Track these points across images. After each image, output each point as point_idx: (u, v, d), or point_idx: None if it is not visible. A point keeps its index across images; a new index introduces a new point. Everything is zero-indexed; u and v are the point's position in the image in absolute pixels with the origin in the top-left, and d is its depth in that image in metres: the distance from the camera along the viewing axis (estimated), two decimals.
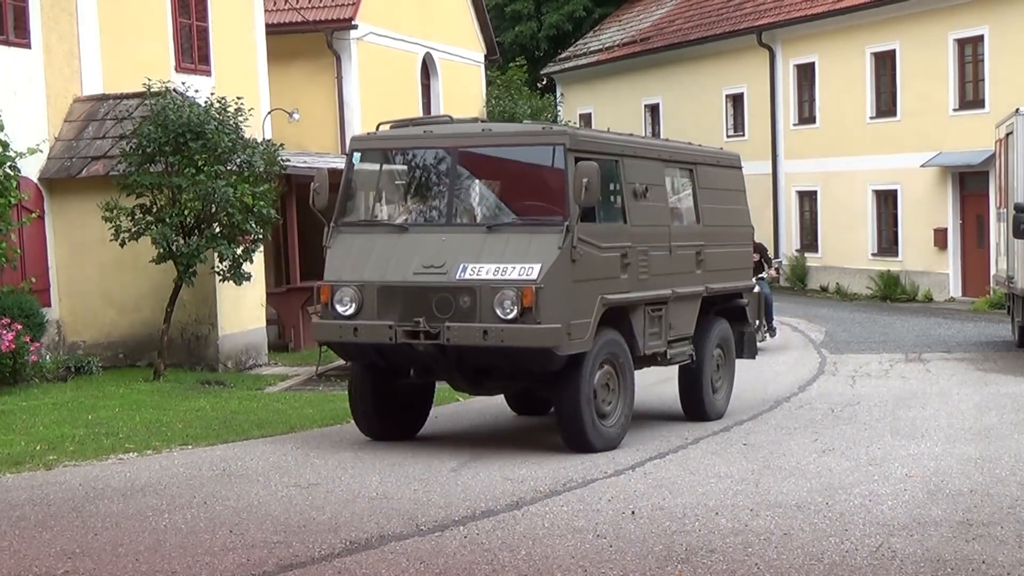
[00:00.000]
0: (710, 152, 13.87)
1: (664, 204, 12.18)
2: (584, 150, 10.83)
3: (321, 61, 25.98)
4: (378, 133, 11.83)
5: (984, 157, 25.82)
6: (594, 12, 48.21)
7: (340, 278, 11.04)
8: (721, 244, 13.16)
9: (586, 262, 10.59)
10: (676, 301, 12.14)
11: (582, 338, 10.47)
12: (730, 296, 13.58)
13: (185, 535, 7.65)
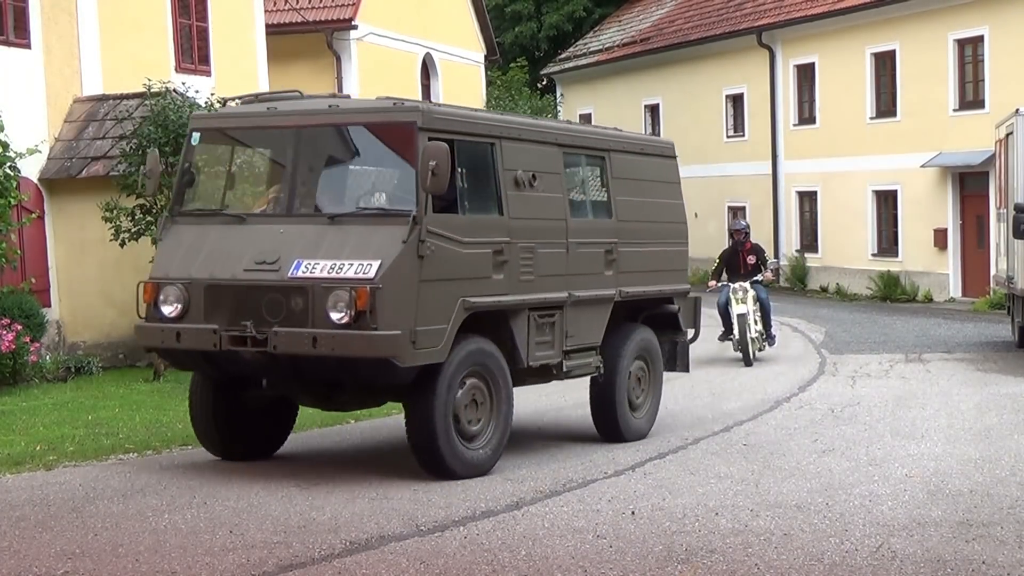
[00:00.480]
0: (631, 139, 12.39)
1: (560, 195, 10.72)
2: (445, 130, 9.46)
3: (321, 61, 25.98)
4: (219, 111, 10.67)
5: (984, 157, 25.82)
6: (594, 12, 48.22)
7: (167, 275, 9.69)
8: (643, 242, 11.77)
9: (441, 259, 9.24)
10: (575, 306, 10.75)
11: (434, 347, 9.15)
12: (658, 302, 12.25)
13: (185, 535, 7.65)
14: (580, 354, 11.00)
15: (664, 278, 12.19)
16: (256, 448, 10.50)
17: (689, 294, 12.73)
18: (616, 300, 11.36)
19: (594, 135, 11.83)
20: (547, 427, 12.40)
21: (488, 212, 10.00)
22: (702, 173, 37.72)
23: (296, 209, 9.65)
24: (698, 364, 16.50)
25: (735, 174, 36.33)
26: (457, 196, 9.67)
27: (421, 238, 9.07)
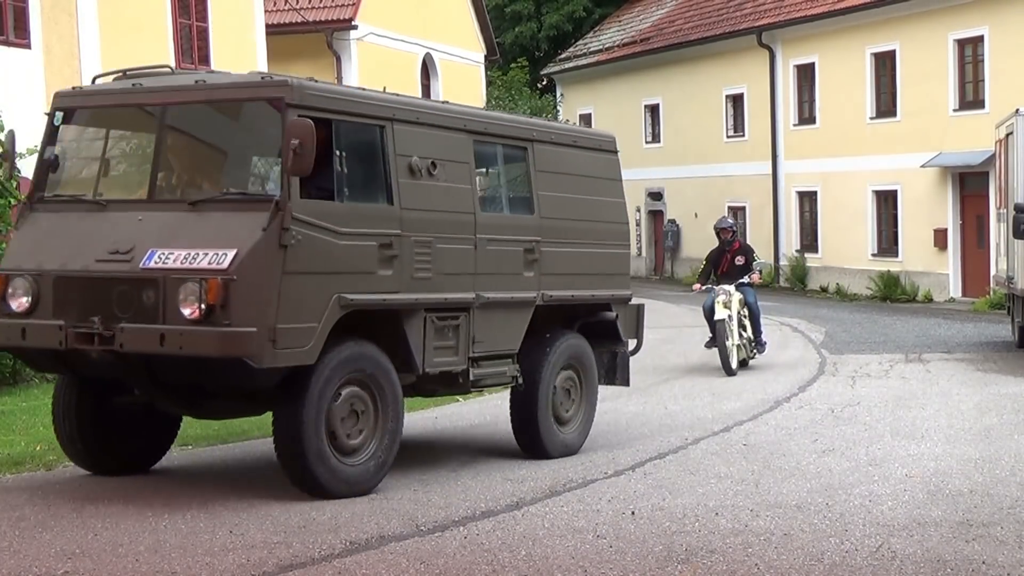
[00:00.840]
0: (560, 130, 11.35)
1: (468, 186, 9.79)
2: (322, 108, 8.60)
3: (321, 61, 26.00)
4: (84, 88, 9.85)
5: (984, 157, 25.83)
6: (594, 12, 48.24)
7: (18, 266, 8.84)
8: (573, 242, 10.84)
9: (311, 250, 8.37)
10: (486, 309, 9.85)
11: (300, 348, 8.28)
12: (594, 308, 11.32)
13: (185, 535, 7.64)
14: (491, 362, 10.05)
15: (600, 282, 11.23)
16: (133, 461, 9.65)
17: (631, 301, 11.71)
18: (538, 304, 10.40)
19: (514, 123, 10.77)
20: None
21: (374, 201, 9.09)
22: (702, 173, 37.77)
23: (158, 194, 8.80)
24: (683, 371, 16.47)
25: (735, 174, 36.33)
26: (335, 182, 8.76)
27: (285, 226, 8.19)
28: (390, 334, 9.16)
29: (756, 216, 36.05)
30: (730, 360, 16.57)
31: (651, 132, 40.89)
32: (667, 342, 21.38)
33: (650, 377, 16.51)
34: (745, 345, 17.17)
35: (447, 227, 9.54)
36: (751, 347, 17.36)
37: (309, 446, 8.46)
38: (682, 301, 31.15)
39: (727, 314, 16.64)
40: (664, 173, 39.64)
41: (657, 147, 40.31)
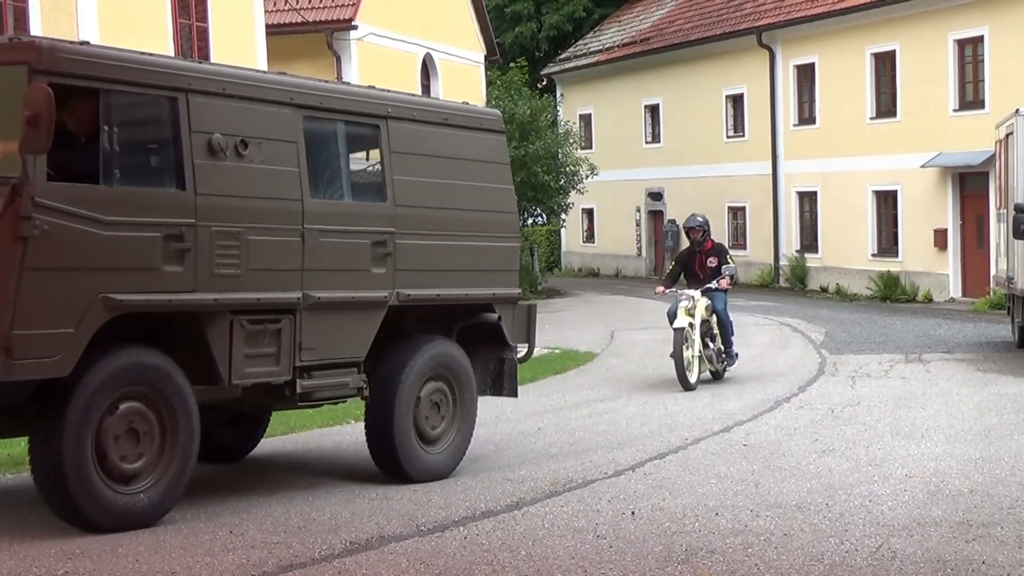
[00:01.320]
0: (425, 106, 9.95)
1: (294, 169, 8.51)
2: (87, 76, 7.45)
3: (321, 61, 26.00)
4: None
5: (984, 158, 25.84)
6: (594, 13, 48.25)
7: None
8: (442, 235, 9.61)
9: (63, 242, 7.17)
10: (318, 310, 8.62)
11: (49, 358, 7.13)
12: (473, 310, 10.14)
13: (185, 535, 7.64)
14: (327, 372, 8.83)
15: (480, 280, 9.94)
16: None
17: (519, 301, 10.44)
18: (393, 305, 9.20)
19: (362, 97, 9.33)
20: (547, 427, 12.40)
21: (158, 185, 7.89)
22: (702, 173, 37.78)
23: None
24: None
25: (735, 174, 36.34)
26: (101, 162, 7.50)
27: (24, 213, 6.99)
28: (189, 341, 8.03)
29: (756, 216, 36.06)
30: (687, 373, 14.98)
31: (651, 132, 40.89)
32: (667, 343, 21.35)
33: (650, 377, 16.51)
34: (713, 357, 15.66)
35: (263, 216, 8.28)
36: (720, 359, 15.82)
37: (69, 472, 7.33)
38: None
39: (688, 322, 15.11)
40: (664, 173, 39.64)
41: (657, 147, 40.31)
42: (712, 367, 15.75)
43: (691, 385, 14.98)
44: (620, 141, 41.63)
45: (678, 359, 14.91)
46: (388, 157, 9.30)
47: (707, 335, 15.54)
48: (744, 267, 36.76)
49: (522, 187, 34.33)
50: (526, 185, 34.22)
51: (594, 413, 13.35)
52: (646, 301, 31.70)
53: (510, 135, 33.62)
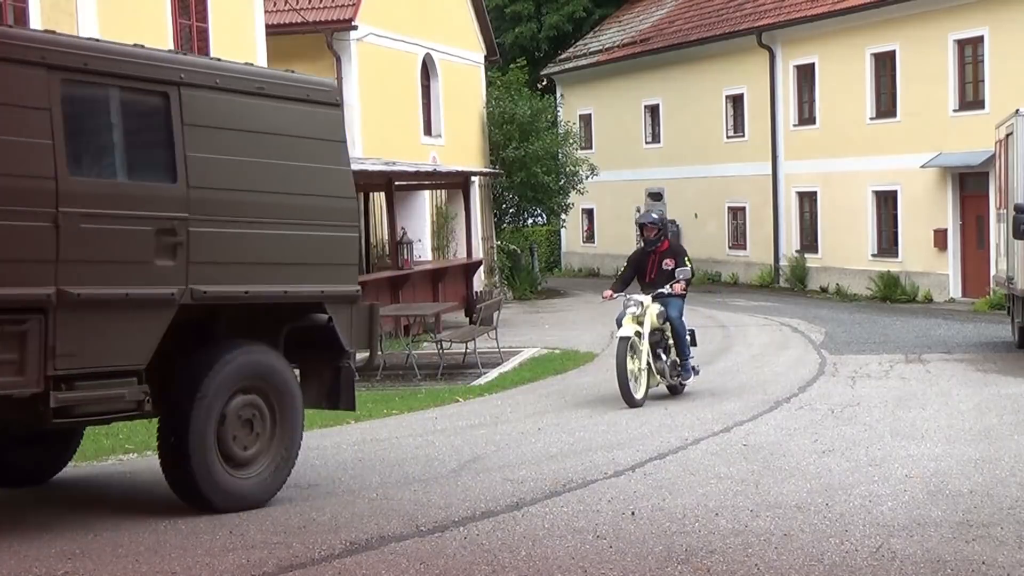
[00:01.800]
0: (237, 72, 8.55)
1: (45, 140, 7.23)
2: None
3: (321, 62, 25.97)
4: None
5: (984, 158, 25.84)
6: (594, 13, 48.27)
7: None
8: (254, 222, 8.33)
9: None
10: (79, 310, 7.34)
11: None
12: (300, 309, 8.91)
13: (185, 536, 7.65)
14: (94, 383, 7.53)
15: (305, 275, 8.70)
16: None
17: (357, 300, 9.17)
18: (184, 303, 7.94)
19: (142, 59, 7.92)
20: (547, 427, 12.40)
21: None
22: (702, 173, 37.79)
23: None
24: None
25: (735, 174, 36.35)
26: None
27: None
28: None
29: (756, 216, 36.06)
30: (630, 387, 13.50)
31: (651, 132, 40.89)
32: None
33: None
34: (666, 370, 14.19)
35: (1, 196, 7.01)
36: (675, 372, 14.34)
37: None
38: None
39: (635, 331, 13.70)
40: (664, 173, 39.64)
41: (657, 147, 40.31)
42: (666, 381, 14.26)
43: (637, 401, 13.53)
44: (620, 141, 41.63)
45: (621, 371, 13.43)
46: (180, 131, 7.97)
47: (659, 345, 14.15)
48: (744, 267, 36.77)
49: (522, 187, 34.36)
50: (526, 185, 34.24)
51: (594, 413, 13.35)
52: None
53: (510, 135, 33.73)
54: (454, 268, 26.56)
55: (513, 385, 16.54)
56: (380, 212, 26.27)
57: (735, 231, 37.27)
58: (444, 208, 29.84)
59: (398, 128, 27.75)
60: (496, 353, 19.12)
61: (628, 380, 13.47)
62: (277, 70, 9.16)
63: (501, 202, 35.55)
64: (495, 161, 33.42)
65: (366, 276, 24.24)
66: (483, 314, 20.28)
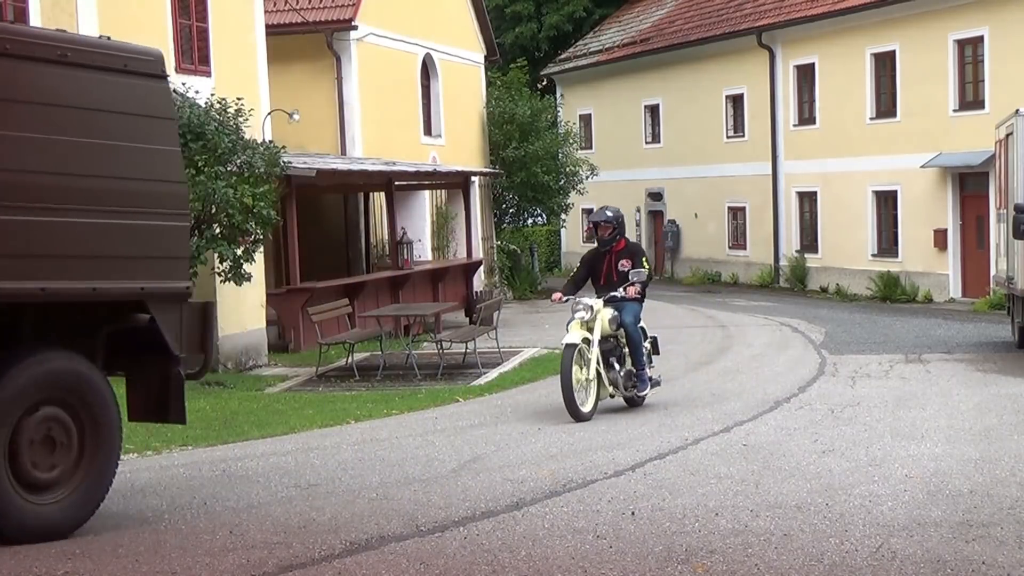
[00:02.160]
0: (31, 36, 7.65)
1: None
2: None
3: (321, 62, 25.98)
4: None
5: (984, 158, 25.84)
6: (594, 13, 48.27)
7: None
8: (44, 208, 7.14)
9: None
10: None
11: None
12: (117, 310, 7.86)
13: (185, 536, 7.64)
14: None
15: (119, 269, 7.59)
16: None
17: (187, 298, 8.09)
18: None
19: None
20: (547, 427, 12.40)
21: None
22: (702, 173, 37.80)
23: None
24: (684, 371, 15.19)
25: (735, 174, 36.36)
26: None
27: None
28: None
29: (756, 216, 36.06)
30: (575, 398, 12.41)
31: (651, 132, 40.89)
32: (668, 342, 21.33)
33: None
34: (620, 380, 13.10)
35: None
36: (631, 384, 13.25)
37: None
38: (683, 301, 31.18)
39: (582, 337, 12.68)
40: (664, 173, 39.65)
41: (657, 147, 40.31)
42: (620, 392, 13.20)
43: (583, 414, 12.48)
44: (620, 141, 41.63)
45: (565, 381, 12.35)
46: None
47: (613, 354, 13.07)
48: (744, 267, 36.77)
49: (522, 187, 34.36)
50: (526, 185, 34.25)
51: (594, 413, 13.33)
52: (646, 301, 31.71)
53: (510, 135, 33.73)
54: (454, 268, 26.56)
55: (513, 385, 16.54)
56: (380, 212, 26.28)
57: (735, 231, 37.27)
58: (444, 208, 29.85)
59: (398, 128, 27.75)
60: (496, 353, 19.12)
61: (573, 391, 12.37)
62: (90, 36, 8.06)
63: (501, 202, 35.56)
64: (495, 161, 33.42)
65: (366, 276, 24.30)
66: (483, 314, 20.29)
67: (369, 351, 19.89)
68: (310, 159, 21.91)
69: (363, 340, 19.39)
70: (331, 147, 25.76)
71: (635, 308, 13.18)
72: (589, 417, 12.58)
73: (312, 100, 25.42)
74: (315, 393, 16.06)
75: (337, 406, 14.42)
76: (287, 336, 20.86)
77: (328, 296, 20.62)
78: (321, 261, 23.65)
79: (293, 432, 12.27)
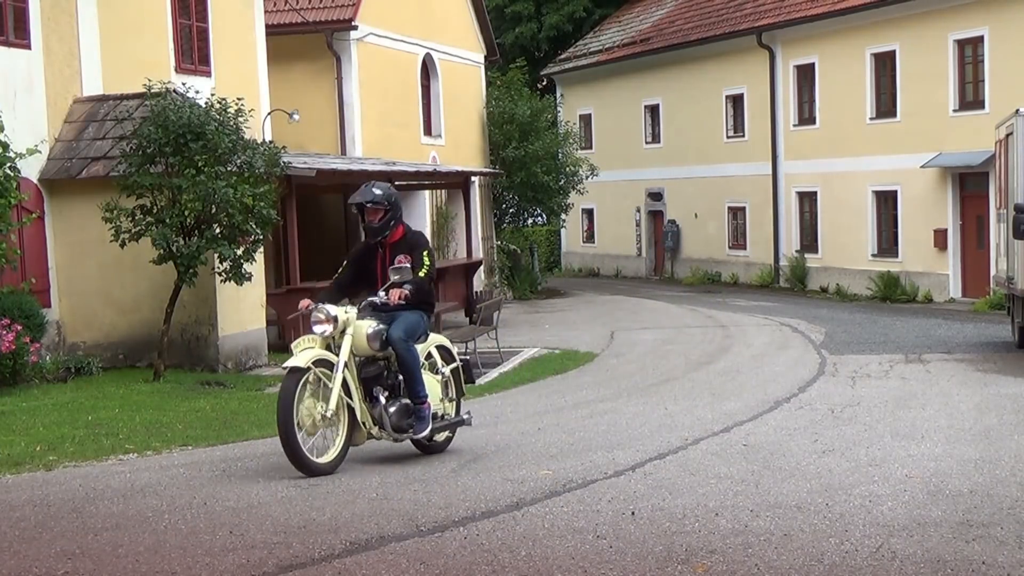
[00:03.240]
0: None
1: None
2: None
3: (321, 62, 26.00)
4: None
5: (984, 158, 25.85)
6: (594, 13, 48.28)
7: None
8: None
9: None
10: None
11: None
12: None
13: (185, 536, 7.64)
14: None
15: None
16: None
17: None
18: None
19: None
20: (547, 427, 12.40)
21: None
22: (702, 173, 37.81)
23: None
24: (684, 371, 15.63)
25: (735, 174, 36.36)
26: None
27: None
28: None
29: (756, 216, 36.06)
30: (298, 444, 9.19)
31: (651, 132, 40.90)
32: (668, 342, 21.38)
33: (650, 377, 16.50)
34: (387, 416, 9.73)
35: None
36: (406, 421, 9.88)
37: None
38: (683, 301, 31.17)
39: (316, 358, 9.30)
40: (664, 173, 39.66)
41: (657, 147, 40.32)
42: (389, 434, 9.83)
43: (315, 465, 9.30)
44: (620, 141, 41.64)
45: (284, 420, 9.12)
46: None
47: (380, 381, 9.82)
48: (744, 267, 36.77)
49: (522, 187, 34.38)
50: (526, 185, 34.26)
51: (594, 413, 13.34)
52: (646, 301, 31.71)
53: (510, 135, 33.76)
54: (454, 268, 26.57)
55: (513, 385, 16.54)
56: None
57: (735, 231, 37.27)
58: (444, 208, 29.85)
59: (398, 128, 27.76)
60: (496, 353, 19.11)
61: (295, 434, 9.14)
62: None
63: (501, 202, 35.57)
64: (495, 161, 33.42)
65: None
66: (483, 314, 20.28)
67: None
68: (310, 159, 21.91)
69: None
70: (331, 147, 25.77)
71: (411, 320, 9.86)
72: (331, 469, 9.40)
73: (312, 100, 25.45)
74: None
75: None
76: (287, 336, 20.85)
77: None
78: (321, 261, 23.65)
79: None
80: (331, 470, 9.45)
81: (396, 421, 9.84)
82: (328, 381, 9.38)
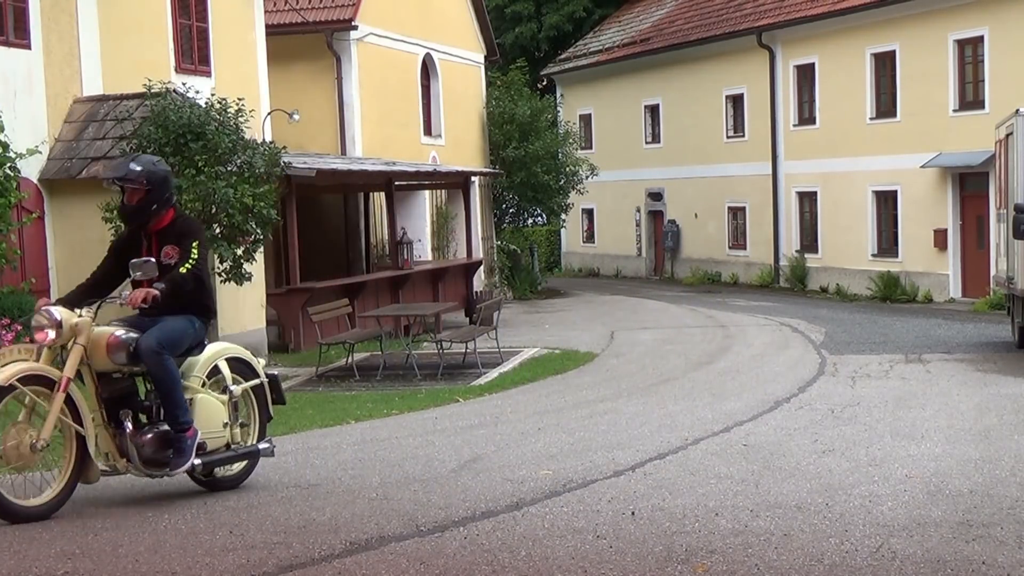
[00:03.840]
0: None
1: None
2: None
3: (321, 62, 26.00)
4: None
5: (984, 158, 25.85)
6: (594, 13, 48.29)
7: None
8: None
9: None
10: None
11: None
12: None
13: (185, 536, 7.64)
14: None
15: None
16: None
17: None
18: None
19: None
20: (547, 427, 12.40)
21: None
22: (702, 173, 37.81)
23: None
24: (683, 371, 15.75)
25: (735, 174, 36.36)
26: None
27: None
28: None
29: (756, 216, 36.06)
30: None
31: (651, 132, 40.90)
32: (668, 342, 21.38)
33: (650, 377, 16.50)
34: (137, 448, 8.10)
35: None
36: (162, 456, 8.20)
37: None
38: (683, 301, 31.17)
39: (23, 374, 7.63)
40: (664, 173, 39.66)
41: (657, 147, 40.32)
42: (138, 468, 8.18)
43: (18, 508, 7.70)
44: (620, 141, 41.64)
45: None
46: None
47: (129, 403, 8.25)
48: (744, 267, 36.78)
49: (522, 187, 34.39)
50: (526, 185, 34.27)
51: (594, 413, 13.34)
52: (646, 301, 31.71)
53: (510, 135, 33.77)
54: (454, 268, 26.57)
55: (513, 385, 16.54)
56: (380, 212, 26.28)
57: (735, 231, 37.28)
58: (444, 208, 29.85)
59: (398, 128, 27.76)
60: (496, 353, 19.12)
61: None
62: None
63: (501, 202, 35.57)
64: (495, 161, 33.42)
65: (366, 276, 24.29)
66: (483, 314, 20.29)
67: (369, 351, 19.89)
68: (310, 159, 21.91)
69: (363, 340, 19.39)
70: (331, 147, 25.77)
71: (172, 327, 8.24)
72: (45, 513, 7.85)
73: (312, 100, 25.45)
74: (315, 393, 16.05)
75: (337, 406, 14.41)
76: (287, 336, 20.86)
77: (328, 296, 20.62)
78: (321, 261, 23.66)
79: (293, 432, 12.26)
80: (46, 514, 7.80)
81: (150, 453, 8.11)
82: (46, 403, 7.70)
